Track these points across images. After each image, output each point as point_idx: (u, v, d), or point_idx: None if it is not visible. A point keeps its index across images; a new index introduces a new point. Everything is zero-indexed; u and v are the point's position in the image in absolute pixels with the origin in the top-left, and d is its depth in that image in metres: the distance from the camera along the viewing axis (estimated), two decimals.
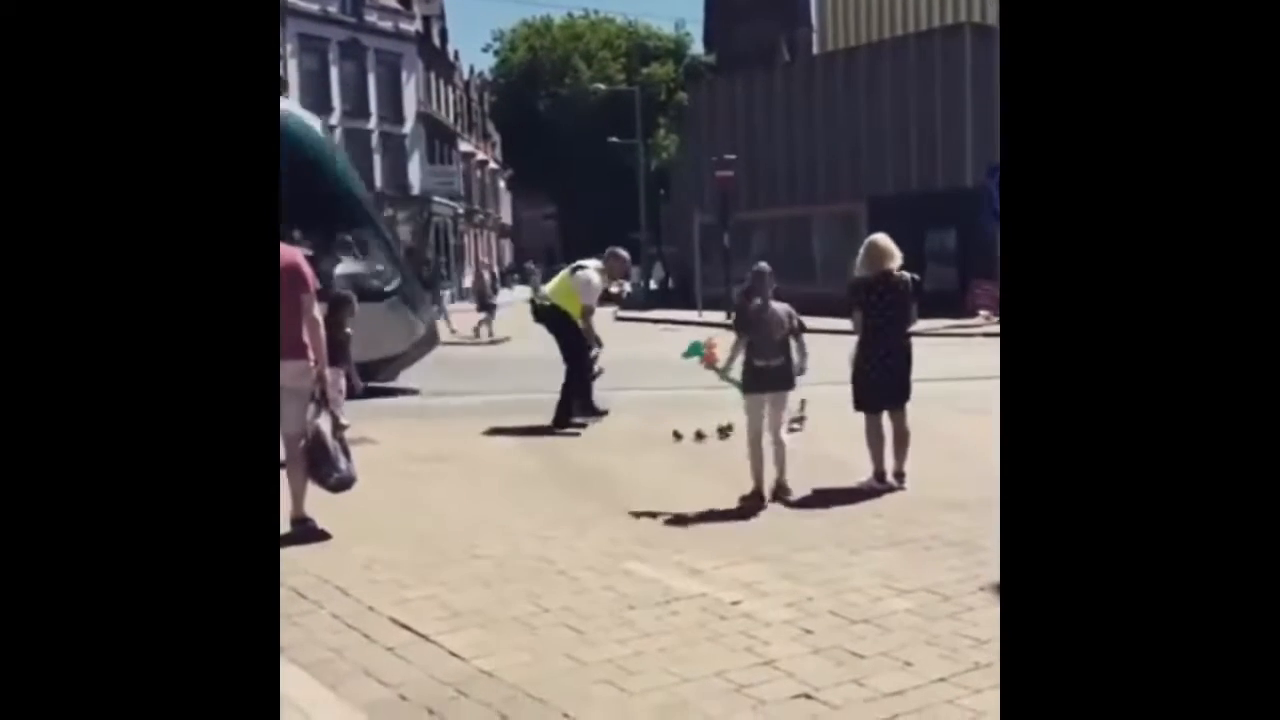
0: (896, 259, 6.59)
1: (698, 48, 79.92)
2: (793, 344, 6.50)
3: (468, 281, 44.72)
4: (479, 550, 5.20)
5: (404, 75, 44.71)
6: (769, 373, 6.43)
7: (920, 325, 6.88)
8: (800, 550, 5.11)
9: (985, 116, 24.80)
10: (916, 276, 6.75)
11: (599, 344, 9.79)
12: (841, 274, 6.77)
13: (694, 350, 7.04)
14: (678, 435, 8.68)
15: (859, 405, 6.68)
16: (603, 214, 66.05)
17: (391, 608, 4.33)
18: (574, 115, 67.93)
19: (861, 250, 6.71)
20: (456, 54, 58.31)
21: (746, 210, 31.76)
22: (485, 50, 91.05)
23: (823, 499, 6.26)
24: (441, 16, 53.13)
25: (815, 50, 61.68)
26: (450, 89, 54.62)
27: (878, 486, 6.49)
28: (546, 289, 10.10)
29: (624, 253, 10.23)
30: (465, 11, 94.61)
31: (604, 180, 64.71)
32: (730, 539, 5.36)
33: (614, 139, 52.67)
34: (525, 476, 7.18)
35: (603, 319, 26.62)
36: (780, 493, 6.36)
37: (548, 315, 9.76)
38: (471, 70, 66.03)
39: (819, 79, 35.83)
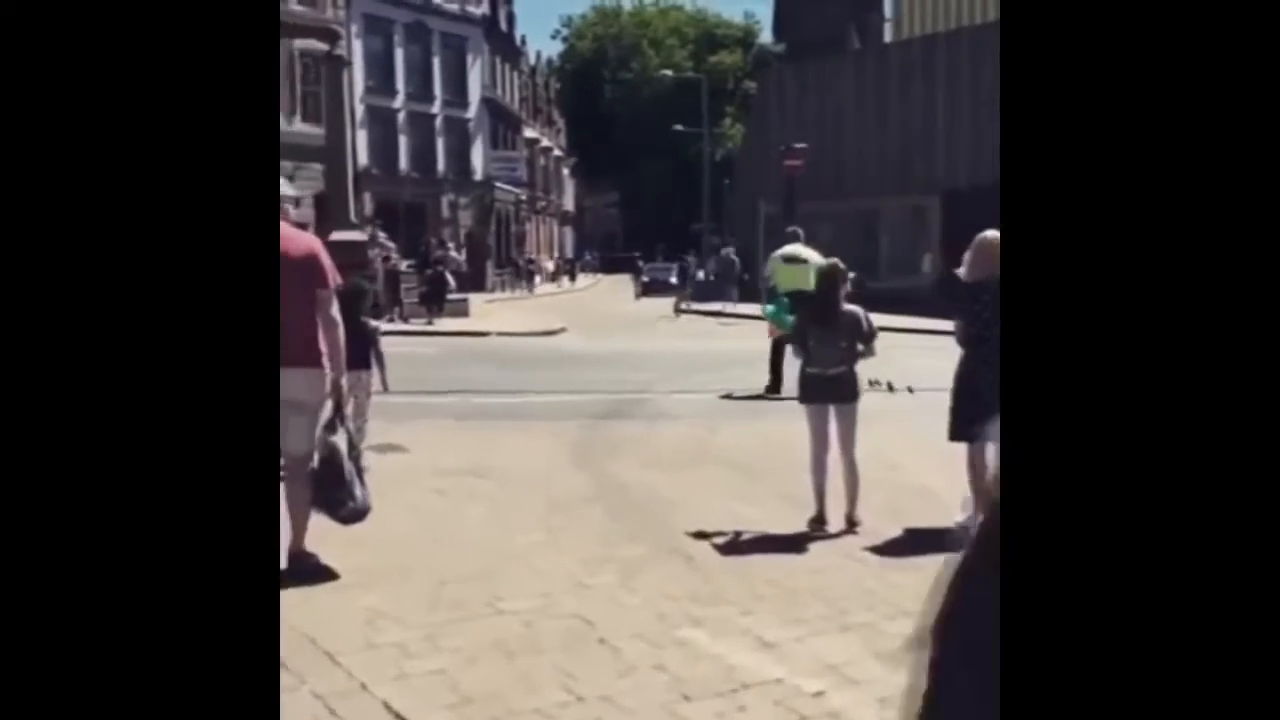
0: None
1: (766, 36, 78.71)
2: (860, 349, 5.79)
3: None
4: (505, 603, 4.34)
5: (469, 59, 44.08)
6: (823, 381, 5.73)
7: None
8: (895, 617, 4.17)
9: None
10: None
11: None
12: (909, 270, 5.87)
13: (778, 311, 6.73)
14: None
15: (955, 434, 5.67)
16: (666, 203, 65.38)
17: (388, 685, 3.49)
18: (639, 103, 67.22)
19: (971, 247, 5.67)
20: (524, 39, 57.68)
21: (812, 201, 30.65)
22: (554, 37, 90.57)
23: (915, 543, 5.30)
24: (509, 1, 52.49)
25: (889, 38, 60.29)
26: (516, 74, 53.95)
27: None
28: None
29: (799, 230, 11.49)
30: None
31: (668, 169, 63.91)
32: (808, 597, 4.45)
33: (679, 127, 51.73)
34: (568, 499, 6.31)
35: (662, 311, 25.79)
36: (850, 525, 5.59)
37: None
38: (539, 56, 65.43)
39: (892, 67, 34.67)
